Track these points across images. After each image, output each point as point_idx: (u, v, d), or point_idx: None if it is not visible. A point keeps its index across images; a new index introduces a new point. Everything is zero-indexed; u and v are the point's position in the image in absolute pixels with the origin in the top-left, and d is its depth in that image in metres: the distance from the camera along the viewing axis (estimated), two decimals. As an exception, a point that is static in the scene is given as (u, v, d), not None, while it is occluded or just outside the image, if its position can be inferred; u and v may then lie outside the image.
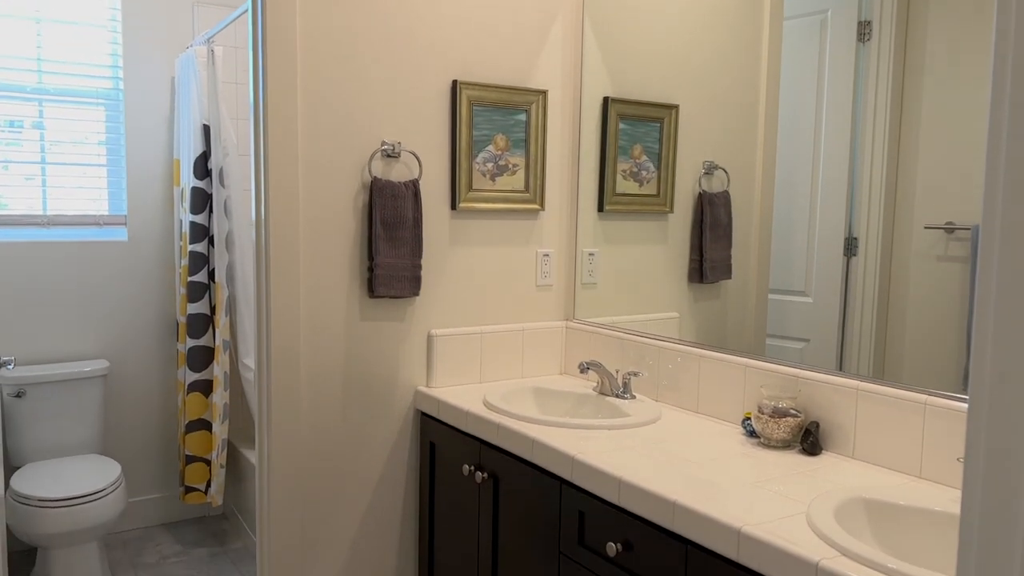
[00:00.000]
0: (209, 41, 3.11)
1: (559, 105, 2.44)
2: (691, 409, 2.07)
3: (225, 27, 3.08)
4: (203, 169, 3.16)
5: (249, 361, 3.29)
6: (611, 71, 2.36)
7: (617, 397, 2.15)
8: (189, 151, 3.16)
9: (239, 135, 3.46)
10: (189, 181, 3.15)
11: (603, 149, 2.39)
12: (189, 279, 3.16)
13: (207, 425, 3.23)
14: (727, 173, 2.04)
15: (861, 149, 1.71)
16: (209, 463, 3.25)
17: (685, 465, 1.61)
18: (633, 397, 2.15)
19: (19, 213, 3.13)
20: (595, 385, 2.26)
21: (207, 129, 3.16)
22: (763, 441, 1.75)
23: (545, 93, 2.38)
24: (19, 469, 2.93)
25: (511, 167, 2.35)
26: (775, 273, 1.92)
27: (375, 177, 2.14)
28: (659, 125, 2.24)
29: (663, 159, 2.23)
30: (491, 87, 2.29)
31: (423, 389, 2.27)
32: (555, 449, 1.72)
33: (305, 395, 2.13)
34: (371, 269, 2.16)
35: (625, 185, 2.34)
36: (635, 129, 2.30)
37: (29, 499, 2.61)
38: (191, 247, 3.15)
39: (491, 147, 2.31)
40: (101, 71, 3.25)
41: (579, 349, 2.45)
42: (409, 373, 2.28)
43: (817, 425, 1.69)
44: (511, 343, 2.40)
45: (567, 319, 2.52)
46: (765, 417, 1.72)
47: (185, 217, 3.18)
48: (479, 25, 2.28)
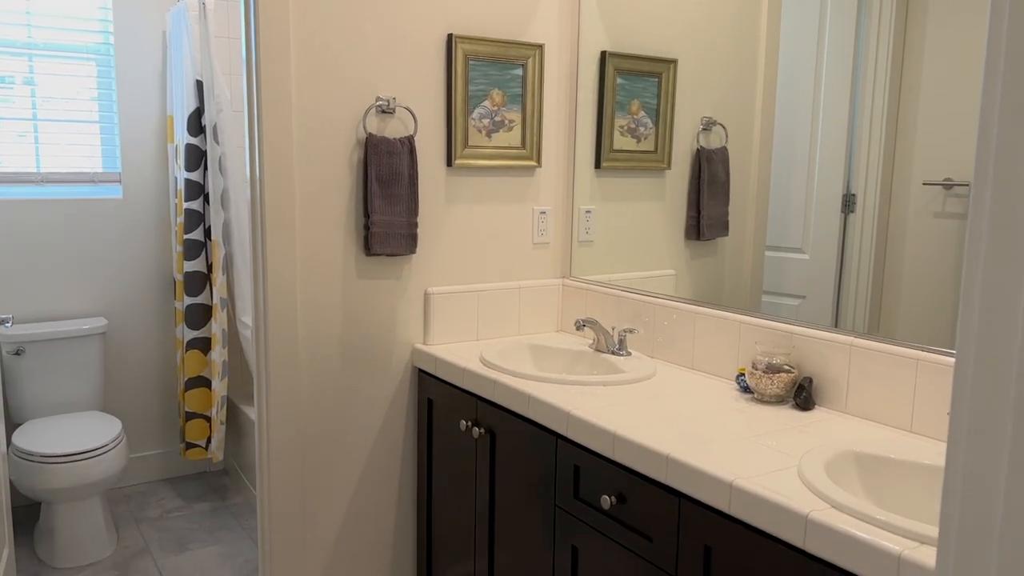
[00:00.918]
0: (200, -6, 3.05)
1: (556, 60, 2.41)
2: (686, 365, 2.08)
3: (216, -21, 3.02)
4: (197, 125, 3.13)
5: (247, 319, 3.30)
6: (609, 25, 2.32)
7: (613, 354, 2.16)
8: (182, 107, 3.13)
9: (233, 91, 3.42)
10: (183, 138, 3.12)
11: (600, 105, 2.37)
12: (185, 237, 3.15)
13: (206, 382, 3.25)
14: (725, 129, 2.03)
15: (861, 104, 1.69)
16: (209, 419, 3.28)
17: (679, 420, 1.63)
18: (629, 354, 2.17)
19: (12, 171, 3.11)
20: (591, 342, 2.27)
21: (200, 85, 3.12)
22: (757, 397, 1.77)
23: (542, 47, 2.35)
24: (20, 426, 2.96)
25: (507, 123, 2.33)
26: (772, 230, 1.91)
27: (370, 133, 2.12)
28: (657, 80, 2.22)
29: (661, 115, 2.21)
30: (487, 41, 2.26)
31: (420, 346, 2.28)
32: (551, 405, 1.74)
33: (303, 352, 2.14)
34: (367, 227, 2.16)
35: (623, 141, 2.32)
36: (633, 84, 2.28)
37: (32, 455, 2.64)
38: (186, 204, 3.14)
39: (487, 102, 2.29)
40: (91, 25, 3.19)
41: (575, 307, 2.45)
42: (406, 331, 2.29)
43: (810, 381, 1.71)
44: (508, 301, 2.41)
45: (564, 277, 2.52)
46: (759, 373, 1.73)
47: (180, 174, 3.16)
48: (475, -23, 2.24)
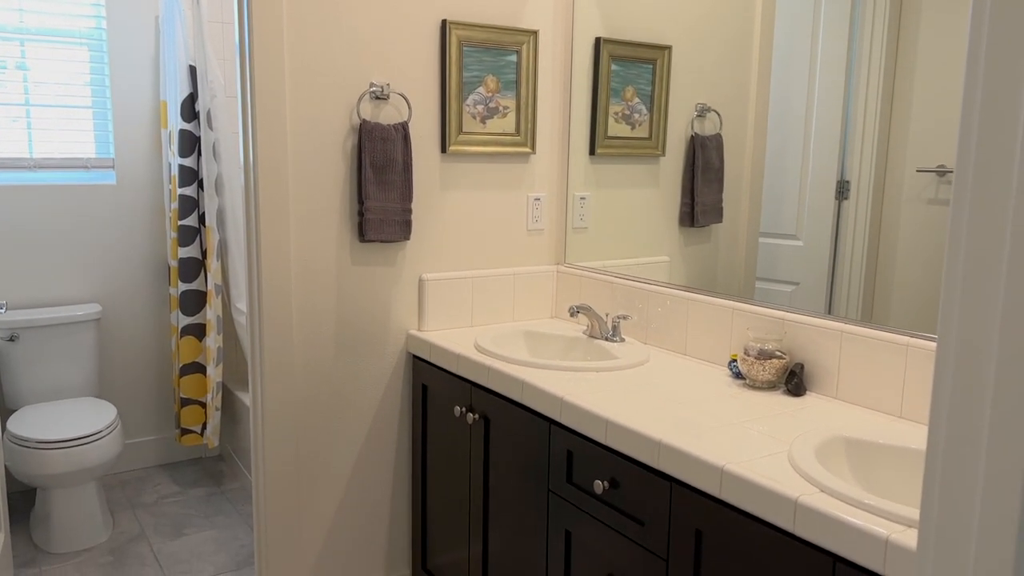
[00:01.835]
0: (193, -22, 3.03)
1: (550, 46, 2.40)
2: (679, 352, 2.09)
3: (209, -36, 3.00)
4: (190, 111, 3.11)
5: (242, 305, 3.30)
6: (603, 11, 2.32)
7: (607, 340, 2.17)
8: (176, 92, 3.11)
9: (226, 76, 3.40)
10: (177, 123, 3.11)
11: (595, 91, 2.36)
12: (179, 223, 3.15)
13: (201, 368, 3.26)
14: (720, 116, 2.03)
15: (855, 91, 1.70)
16: (204, 405, 3.28)
17: (671, 406, 1.64)
18: (622, 340, 2.18)
19: (5, 156, 3.09)
20: (585, 328, 2.28)
21: (193, 70, 3.10)
22: (749, 382, 1.78)
23: (536, 33, 2.34)
24: (15, 412, 2.96)
25: (502, 109, 2.33)
26: (766, 217, 1.92)
27: (364, 120, 2.12)
28: (652, 67, 2.22)
29: (655, 101, 2.21)
30: (481, 27, 2.25)
31: (415, 333, 2.29)
32: (545, 391, 1.75)
33: (297, 339, 2.15)
34: (361, 213, 2.16)
35: (617, 128, 2.32)
36: (627, 71, 2.27)
37: (27, 441, 2.65)
38: (180, 190, 3.13)
39: (481, 89, 2.28)
40: (84, 9, 3.17)
41: (570, 293, 2.46)
42: (400, 317, 2.29)
43: (802, 367, 1.72)
44: (502, 287, 2.42)
45: (558, 263, 2.53)
46: (751, 359, 1.75)
47: (174, 160, 3.15)
48: (469, -38, 2.23)
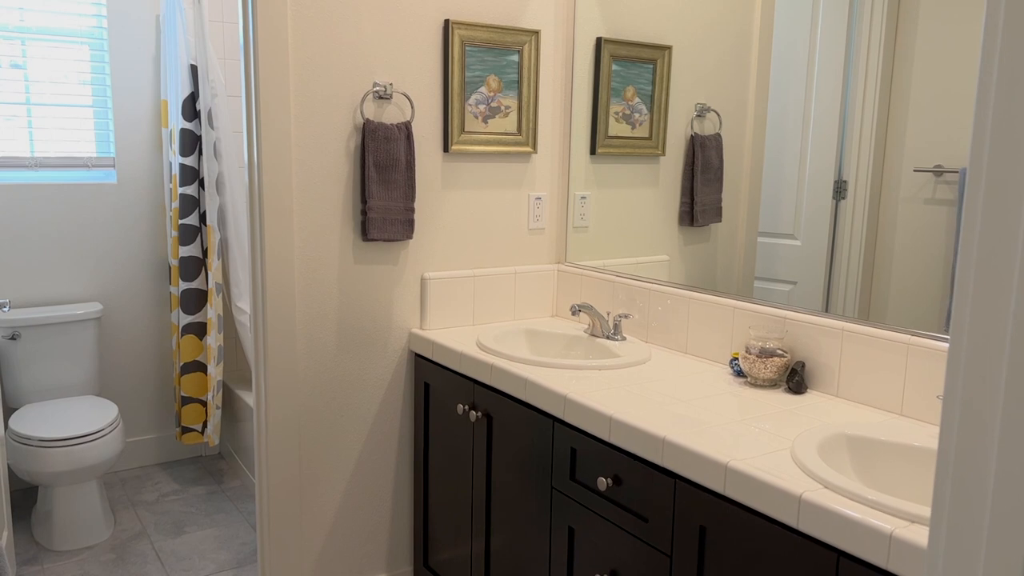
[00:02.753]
0: (194, -22, 3.04)
1: (552, 46, 2.42)
2: (680, 350, 2.11)
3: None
4: (191, 110, 3.12)
5: (242, 304, 3.31)
6: (604, 11, 2.33)
7: (608, 339, 2.19)
8: (177, 92, 3.12)
9: (227, 76, 3.40)
10: (178, 122, 3.11)
11: (596, 91, 2.38)
12: (180, 222, 3.16)
13: (202, 367, 3.27)
14: (719, 116, 2.04)
15: (853, 91, 1.71)
16: (205, 404, 3.29)
17: (674, 403, 1.65)
18: (623, 339, 2.19)
19: (6, 155, 3.10)
20: (586, 327, 2.29)
21: (194, 69, 3.11)
22: (750, 380, 1.79)
23: (538, 33, 2.36)
24: (17, 410, 2.97)
25: (503, 109, 2.34)
26: (765, 216, 1.94)
27: (367, 119, 2.13)
28: (652, 67, 2.23)
29: (655, 101, 2.22)
30: (483, 27, 2.26)
31: (417, 331, 2.30)
32: (548, 388, 1.76)
33: (300, 337, 2.16)
34: (364, 212, 2.17)
35: (617, 128, 2.33)
36: (628, 71, 2.29)
37: (29, 439, 2.65)
38: (181, 189, 3.13)
39: (483, 88, 2.30)
40: (84, 8, 3.17)
41: (571, 292, 2.48)
42: (403, 315, 2.31)
43: (803, 365, 1.74)
44: (503, 286, 2.43)
45: (559, 262, 2.54)
46: (752, 357, 1.76)
47: (174, 159, 3.15)
48: (471, -37, 2.24)
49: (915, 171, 1.61)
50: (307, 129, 2.09)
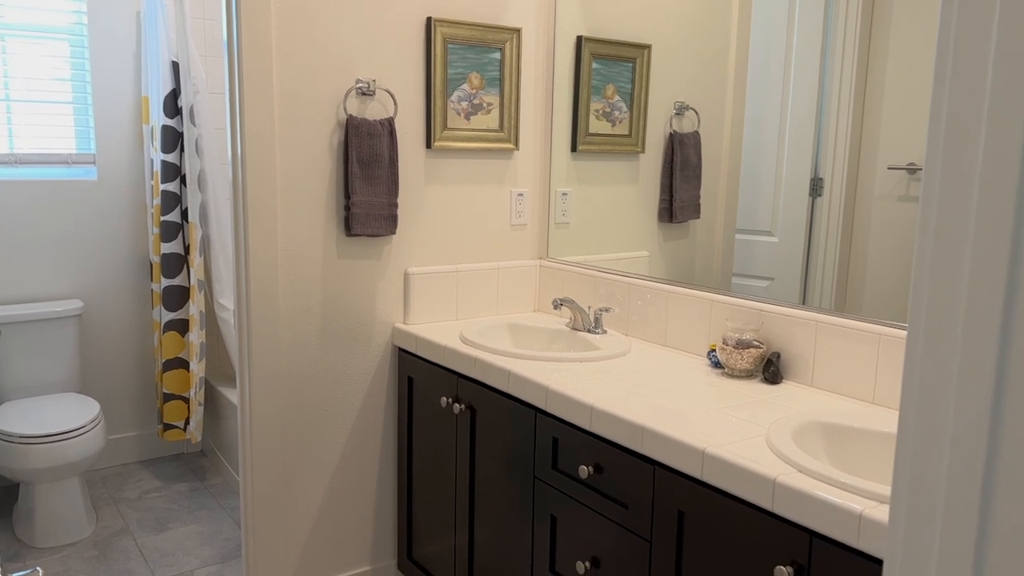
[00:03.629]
0: (175, -26, 3.04)
1: (533, 43, 2.45)
2: (659, 343, 2.15)
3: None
4: (173, 107, 3.12)
5: (225, 301, 3.32)
6: (584, 10, 2.37)
7: (589, 332, 2.22)
8: (158, 88, 3.12)
9: (209, 72, 3.40)
10: (159, 119, 3.11)
11: (576, 89, 2.41)
12: (162, 219, 3.15)
13: (184, 364, 3.27)
14: (698, 114, 2.08)
15: (829, 91, 1.76)
16: (187, 401, 3.29)
17: (653, 394, 1.69)
18: (604, 332, 2.23)
19: (-16, 151, 3.08)
20: (568, 321, 2.33)
21: (176, 66, 3.11)
22: (727, 371, 1.84)
23: (519, 31, 2.39)
24: (-3, 408, 2.96)
25: (485, 106, 2.37)
26: (743, 213, 1.98)
27: (350, 115, 2.15)
28: (632, 65, 2.27)
29: (635, 99, 2.26)
30: (465, 24, 2.29)
31: (400, 326, 2.33)
32: (530, 380, 1.80)
33: (284, 332, 2.18)
34: (347, 208, 2.19)
35: (598, 125, 2.37)
36: (608, 69, 2.32)
37: (11, 436, 2.64)
38: (163, 186, 3.13)
39: (466, 85, 2.32)
40: (64, 4, 3.16)
41: (552, 287, 2.51)
42: (386, 310, 2.33)
43: (778, 356, 1.78)
44: (486, 281, 2.46)
45: (541, 258, 2.57)
46: (729, 348, 1.80)
47: (156, 156, 3.15)
48: (453, -39, 2.27)
49: (889, 169, 1.65)
50: (290, 125, 2.10)
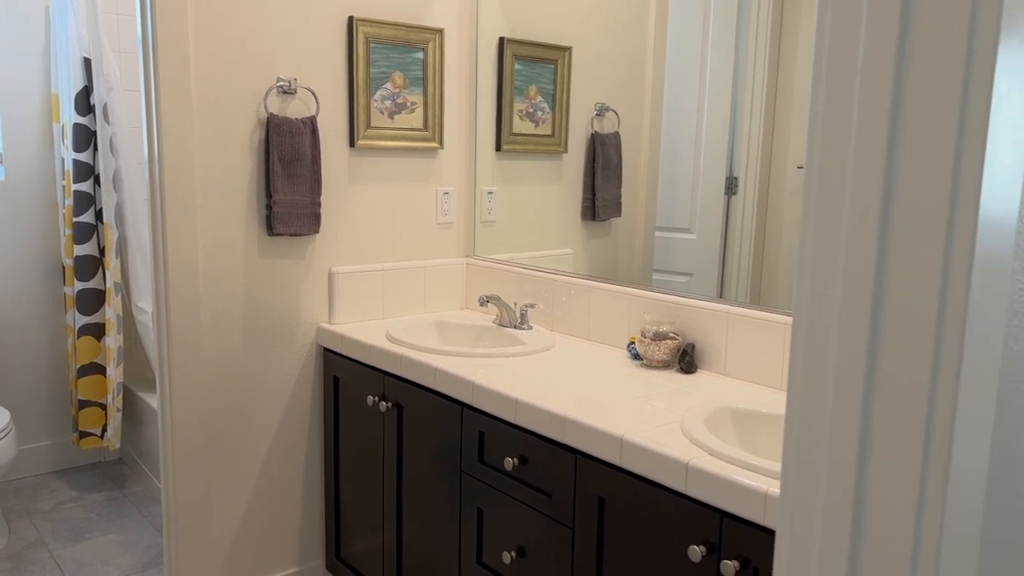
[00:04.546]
0: (86, -33, 2.95)
1: (456, 44, 2.47)
2: (583, 337, 2.20)
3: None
4: (85, 105, 3.02)
5: (143, 304, 3.23)
6: (507, 11, 2.41)
7: (515, 328, 2.26)
8: (69, 85, 3.01)
9: (123, 69, 3.31)
10: (70, 117, 3.01)
11: (500, 89, 2.45)
12: (75, 220, 3.05)
13: (101, 369, 3.16)
14: (618, 115, 2.15)
15: (742, 93, 1.84)
16: (105, 407, 3.19)
17: (576, 386, 1.74)
18: (530, 327, 2.27)
19: None
20: (494, 318, 2.36)
21: (88, 62, 3.01)
22: (646, 362, 1.90)
23: (442, 31, 2.41)
24: None
25: (409, 105, 2.38)
26: (662, 211, 2.05)
27: (271, 114, 2.13)
28: (553, 66, 2.32)
29: (557, 100, 2.31)
30: (388, 24, 2.30)
31: (325, 326, 2.32)
32: (457, 376, 1.82)
33: (205, 334, 2.14)
34: (269, 207, 2.17)
35: (522, 125, 2.41)
36: (530, 70, 2.37)
37: (-89, 448, 2.52)
38: (75, 186, 3.03)
39: (389, 84, 2.33)
40: (-36, -4, 3.02)
41: (479, 284, 2.54)
42: (311, 310, 2.31)
43: (693, 346, 1.86)
44: (413, 280, 2.47)
45: (467, 256, 2.60)
46: (647, 341, 1.87)
47: (67, 155, 3.05)
48: (375, -39, 2.28)
49: (799, 168, 1.74)
50: (209, 124, 2.07)
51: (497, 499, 1.75)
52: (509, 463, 1.66)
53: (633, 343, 1.97)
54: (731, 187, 1.89)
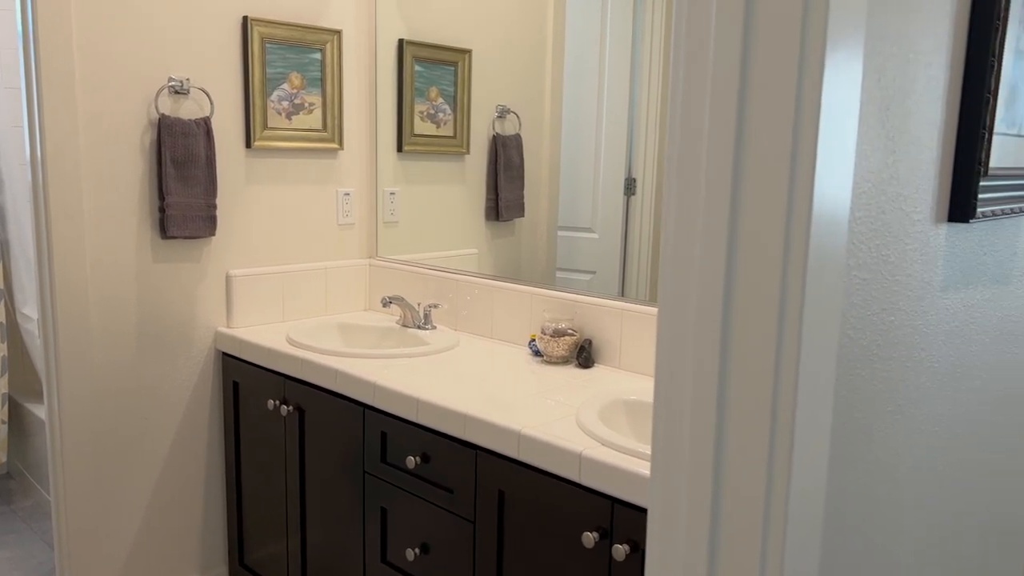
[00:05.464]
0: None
1: (354, 45, 2.47)
2: (486, 335, 2.24)
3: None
4: (-40, 102, 2.86)
5: (28, 311, 3.08)
6: (405, 13, 2.42)
7: (419, 328, 2.28)
8: (-59, 81, 2.84)
9: (4, 66, 3.14)
10: (-57, 115, 2.84)
11: (400, 91, 2.46)
12: (-49, 224, 2.88)
13: (-17, 381, 3.00)
14: (519, 117, 2.19)
15: (639, 97, 1.91)
16: (-12, 422, 3.03)
17: (478, 383, 1.77)
18: (434, 327, 2.29)
19: None
20: (398, 318, 2.37)
21: (-38, 57, 2.85)
22: (546, 359, 1.96)
23: (339, 33, 2.40)
24: None
25: (307, 106, 2.36)
26: (564, 211, 2.10)
27: (163, 114, 2.08)
28: (454, 69, 2.34)
29: (458, 102, 2.34)
30: (284, 24, 2.28)
31: (223, 330, 2.27)
32: (358, 378, 1.83)
33: (96, 342, 2.07)
34: (162, 209, 2.11)
35: (423, 127, 2.43)
36: (431, 72, 2.39)
37: None
38: (-49, 189, 2.86)
39: (286, 85, 2.31)
40: None
41: (382, 285, 2.54)
42: (208, 314, 2.27)
43: (590, 342, 1.92)
44: (314, 282, 2.45)
45: (370, 257, 2.60)
46: (547, 337, 1.92)
47: (-59, 155, 2.87)
48: (270, -41, 2.25)
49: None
50: (96, 124, 2.00)
51: (400, 498, 1.76)
52: (412, 462, 1.68)
53: (534, 340, 2.02)
54: (630, 187, 1.96)
